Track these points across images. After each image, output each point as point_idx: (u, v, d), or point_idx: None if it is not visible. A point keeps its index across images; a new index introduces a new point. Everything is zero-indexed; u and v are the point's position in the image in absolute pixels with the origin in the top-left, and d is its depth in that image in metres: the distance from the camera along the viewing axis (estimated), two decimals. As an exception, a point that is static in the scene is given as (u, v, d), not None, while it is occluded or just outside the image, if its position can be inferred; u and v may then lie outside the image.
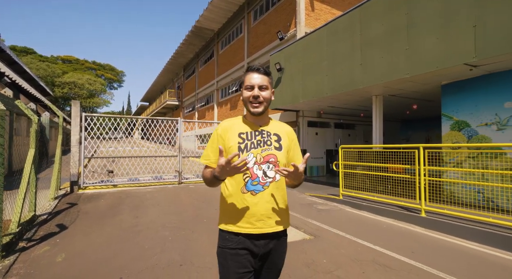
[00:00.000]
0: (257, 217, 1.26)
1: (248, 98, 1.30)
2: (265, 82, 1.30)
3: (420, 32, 5.20)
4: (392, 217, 5.08)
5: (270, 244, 1.29)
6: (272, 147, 1.32)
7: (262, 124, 1.37)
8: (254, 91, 1.29)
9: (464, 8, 4.53)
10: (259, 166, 1.28)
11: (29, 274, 2.80)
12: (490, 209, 4.31)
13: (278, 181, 1.31)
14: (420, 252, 3.51)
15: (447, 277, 2.83)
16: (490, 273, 2.95)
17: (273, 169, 1.30)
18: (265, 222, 1.27)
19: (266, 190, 1.28)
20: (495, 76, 5.17)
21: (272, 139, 1.34)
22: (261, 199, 1.27)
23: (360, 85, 6.46)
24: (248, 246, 1.25)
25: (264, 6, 13.29)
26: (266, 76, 1.32)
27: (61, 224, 4.40)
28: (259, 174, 1.28)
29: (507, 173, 4.44)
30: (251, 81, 1.30)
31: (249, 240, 1.26)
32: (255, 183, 1.27)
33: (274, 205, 1.30)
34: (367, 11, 6.28)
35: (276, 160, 1.31)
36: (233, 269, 1.23)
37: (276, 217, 1.29)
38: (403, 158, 5.34)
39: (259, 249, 1.27)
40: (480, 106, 5.39)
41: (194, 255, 3.28)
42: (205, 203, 5.92)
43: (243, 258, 1.24)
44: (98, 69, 50.52)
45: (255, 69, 1.32)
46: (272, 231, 1.28)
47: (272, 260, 1.32)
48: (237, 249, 1.25)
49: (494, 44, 4.19)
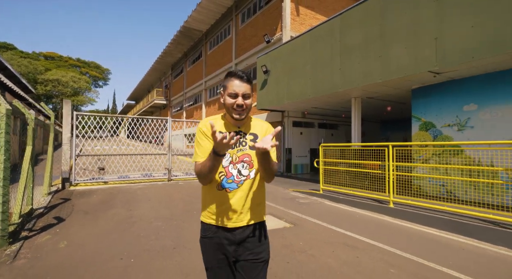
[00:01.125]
0: (231, 212, 1.35)
1: (231, 105, 1.34)
2: (248, 90, 1.34)
3: (391, 41, 5.76)
4: (365, 208, 5.62)
5: (246, 231, 1.38)
6: (247, 147, 1.39)
7: (240, 125, 1.43)
8: (238, 99, 1.32)
9: (427, 22, 5.11)
10: (234, 165, 1.36)
11: (36, 258, 3.10)
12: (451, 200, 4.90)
13: (252, 179, 1.39)
14: (384, 236, 4.04)
15: (402, 253, 3.35)
16: (438, 251, 3.49)
17: (247, 168, 1.37)
18: (238, 217, 1.36)
19: (240, 188, 1.36)
20: (455, 82, 5.80)
21: (248, 139, 1.41)
22: (235, 196, 1.35)
23: (340, 88, 6.99)
24: (225, 235, 1.36)
25: (252, 9, 13.71)
26: (249, 84, 1.35)
27: (58, 217, 4.66)
28: (234, 173, 1.36)
29: (465, 168, 5.06)
30: (235, 89, 1.32)
31: (225, 230, 1.37)
32: (230, 181, 1.35)
33: (248, 202, 1.38)
34: (346, 20, 6.82)
35: (251, 159, 1.38)
36: (211, 255, 1.38)
37: (249, 213, 1.38)
38: (376, 156, 5.90)
39: (235, 236, 1.36)
40: (444, 109, 6.02)
41: (186, 240, 3.66)
42: (194, 198, 6.29)
43: (221, 245, 1.36)
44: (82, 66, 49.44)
45: (238, 76, 1.34)
46: (246, 224, 1.37)
47: (252, 249, 1.38)
48: (214, 237, 1.37)
49: (451, 55, 4.78)
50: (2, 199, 3.35)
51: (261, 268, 1.38)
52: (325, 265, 3.02)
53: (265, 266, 1.40)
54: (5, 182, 3.41)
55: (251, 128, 1.45)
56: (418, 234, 4.20)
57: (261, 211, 1.46)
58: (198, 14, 16.25)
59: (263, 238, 1.43)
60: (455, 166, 5.28)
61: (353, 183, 6.47)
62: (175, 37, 20.00)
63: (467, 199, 5.07)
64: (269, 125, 1.52)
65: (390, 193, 5.30)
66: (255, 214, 1.40)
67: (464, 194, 5.23)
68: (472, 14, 4.50)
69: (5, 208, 3.38)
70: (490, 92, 5.29)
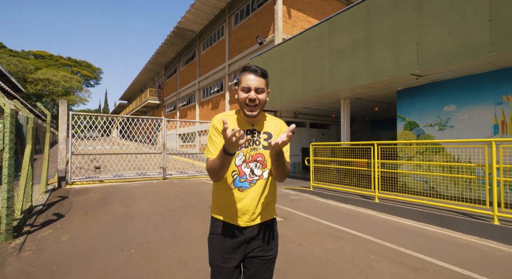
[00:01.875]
0: (242, 211, 1.33)
1: (244, 100, 1.30)
2: (261, 85, 1.30)
3: (376, 45, 6.09)
4: (352, 203, 5.94)
5: (257, 229, 1.36)
6: (261, 147, 1.36)
7: (254, 122, 1.39)
8: (251, 93, 1.28)
9: (409, 28, 5.46)
10: (247, 164, 1.35)
11: (41, 250, 3.29)
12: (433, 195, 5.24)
13: (265, 179, 1.37)
14: (368, 227, 4.35)
15: (382, 242, 3.66)
16: (416, 240, 3.81)
17: (260, 167, 1.35)
18: (249, 216, 1.34)
19: (252, 187, 1.34)
20: (436, 85, 6.17)
21: (262, 138, 1.38)
22: (247, 195, 1.33)
23: (329, 89, 7.31)
24: (235, 234, 1.34)
25: (245, 11, 13.95)
26: (263, 78, 1.32)
27: (58, 213, 4.83)
28: (247, 172, 1.34)
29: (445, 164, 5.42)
30: (248, 83, 1.28)
31: (236, 229, 1.35)
32: (243, 180, 1.34)
33: (260, 202, 1.36)
34: (334, 25, 7.13)
35: (264, 159, 1.36)
36: (218, 253, 1.35)
37: (261, 212, 1.37)
38: (363, 154, 6.23)
39: (246, 235, 1.34)
40: (426, 109, 6.39)
41: (183, 233, 3.90)
42: (189, 195, 6.51)
43: (229, 244, 1.34)
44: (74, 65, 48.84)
45: (252, 70, 1.30)
46: (256, 224, 1.36)
47: (263, 246, 1.37)
48: (224, 235, 1.35)
49: (431, 59, 5.13)
50: (7, 195, 3.53)
51: (270, 265, 1.38)
52: (311, 252, 3.30)
53: (273, 263, 1.40)
54: (9, 178, 3.58)
55: (265, 127, 1.41)
56: (399, 226, 4.52)
57: (273, 209, 1.45)
58: (191, 15, 16.41)
59: (274, 235, 1.42)
60: (436, 163, 5.64)
61: (342, 180, 6.78)
62: (168, 37, 20.09)
63: (448, 194, 5.44)
64: (283, 123, 1.47)
65: (375, 189, 5.63)
66: (266, 212, 1.40)
67: (445, 189, 5.61)
68: (449, 22, 4.85)
69: (10, 203, 3.55)
70: (468, 94, 5.67)
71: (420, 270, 2.89)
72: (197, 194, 6.62)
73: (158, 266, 2.87)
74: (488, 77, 5.35)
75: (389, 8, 5.81)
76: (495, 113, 5.28)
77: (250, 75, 1.29)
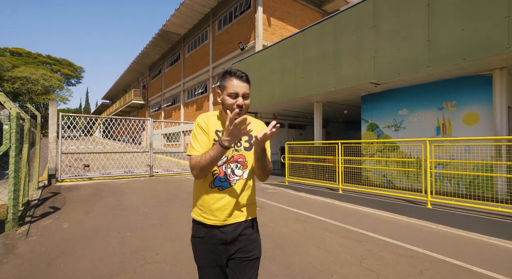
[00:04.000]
0: (221, 210, 1.35)
1: (231, 106, 1.32)
2: (247, 90, 1.34)
3: (342, 57, 6.94)
4: (321, 195, 6.75)
5: (238, 230, 1.38)
6: (242, 148, 1.40)
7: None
8: (239, 100, 1.31)
9: (367, 44, 6.33)
10: (228, 164, 1.37)
11: (45, 235, 3.83)
12: (390, 187, 6.13)
13: (245, 179, 1.40)
14: (329, 213, 5.14)
15: (338, 224, 4.45)
16: (366, 222, 4.63)
17: (241, 168, 1.39)
18: (229, 215, 1.36)
19: (232, 187, 1.36)
20: (393, 91, 7.10)
21: (243, 140, 1.42)
22: (227, 195, 1.35)
23: (303, 94, 8.11)
24: (215, 234, 1.36)
25: (228, 18, 14.60)
26: (248, 83, 1.35)
27: (54, 206, 5.30)
28: (227, 172, 1.37)
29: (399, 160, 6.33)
30: (236, 90, 1.31)
31: (216, 228, 1.36)
32: (223, 179, 1.36)
33: (240, 201, 1.39)
34: (307, 36, 7.95)
35: (245, 160, 1.40)
36: (201, 255, 1.38)
37: (240, 211, 1.39)
38: (332, 152, 7.05)
39: (226, 235, 1.36)
40: (385, 113, 7.31)
41: (171, 220, 4.52)
42: (175, 190, 7.10)
43: (211, 245, 1.36)
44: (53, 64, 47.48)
45: (238, 76, 1.33)
46: (235, 222, 1.38)
47: (244, 248, 1.39)
48: (205, 237, 1.37)
49: (384, 71, 6.02)
50: (14, 187, 4.03)
51: (253, 265, 1.41)
52: (279, 231, 4.03)
53: (257, 263, 1.43)
54: (15, 174, 4.08)
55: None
56: (356, 212, 5.36)
57: (253, 209, 1.48)
58: (176, 18, 16.86)
59: (255, 235, 1.44)
60: (385, 158, 6.55)
61: (313, 175, 7.60)
62: (153, 39, 20.38)
63: (402, 186, 6.37)
64: (263, 125, 1.52)
65: (339, 182, 6.46)
66: (246, 211, 1.42)
67: (399, 182, 6.53)
68: (397, 40, 5.74)
69: (16, 195, 4.05)
70: (417, 100, 6.62)
71: (361, 241, 3.68)
72: (183, 189, 7.22)
73: (151, 244, 3.50)
74: (432, 87, 6.31)
75: (352, 24, 6.67)
76: (438, 117, 6.24)
77: (237, 81, 1.33)
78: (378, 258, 3.09)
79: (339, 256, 3.14)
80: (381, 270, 2.79)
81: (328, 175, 7.31)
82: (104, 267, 2.82)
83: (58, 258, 3.04)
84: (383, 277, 2.64)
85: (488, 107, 5.47)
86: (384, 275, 2.69)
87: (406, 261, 3.02)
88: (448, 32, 4.97)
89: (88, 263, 2.91)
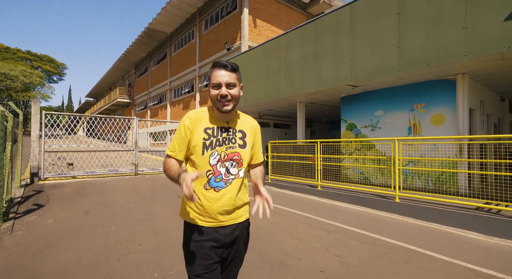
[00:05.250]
0: (219, 212, 1.29)
1: (215, 97, 1.26)
2: (232, 79, 1.27)
3: (322, 60, 7.29)
4: (301, 191, 7.08)
5: (236, 232, 1.34)
6: (237, 145, 1.34)
7: (229, 120, 1.36)
8: (222, 90, 1.25)
9: (345, 48, 6.69)
10: (223, 163, 1.30)
11: (30, 230, 3.94)
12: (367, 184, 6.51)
13: (241, 178, 1.35)
14: (306, 208, 5.46)
15: (313, 216, 4.77)
16: (340, 215, 4.98)
17: (236, 166, 1.33)
18: (226, 216, 1.31)
19: (228, 187, 1.31)
20: (369, 93, 7.52)
21: (237, 137, 1.35)
22: (224, 195, 1.30)
23: (285, 95, 8.42)
24: (213, 237, 1.29)
25: (214, 18, 14.76)
26: (234, 72, 1.28)
27: (38, 203, 5.37)
28: (222, 171, 1.30)
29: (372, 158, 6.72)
30: (218, 79, 1.25)
31: (214, 230, 1.30)
32: (218, 180, 1.29)
33: (236, 201, 1.33)
34: (289, 39, 8.26)
35: (240, 157, 1.34)
36: (198, 261, 1.27)
37: (237, 211, 1.35)
38: (312, 150, 7.39)
39: (225, 238, 1.31)
40: (362, 113, 7.72)
41: (154, 215, 4.71)
42: (160, 188, 7.25)
43: (209, 250, 1.28)
44: (34, 60, 45.96)
45: (222, 65, 1.27)
46: (233, 223, 1.33)
47: (237, 248, 1.38)
48: (202, 241, 1.28)
49: (360, 74, 6.40)
50: (-1, 184, 4.11)
51: (239, 262, 1.42)
52: (256, 224, 4.29)
53: (242, 260, 1.44)
54: (0, 170, 4.16)
55: (239, 125, 1.39)
56: (332, 206, 5.70)
57: (248, 208, 1.45)
58: (163, 17, 16.84)
59: (247, 234, 1.44)
60: (357, 156, 6.95)
61: (294, 172, 7.93)
62: (139, 37, 20.23)
63: (377, 182, 6.77)
64: (256, 122, 1.50)
65: (318, 179, 6.81)
66: (243, 211, 1.39)
67: (375, 179, 6.94)
68: (372, 46, 6.13)
69: (1, 191, 4.14)
70: (391, 102, 7.05)
71: (332, 232, 4.00)
72: (168, 186, 7.38)
73: (135, 236, 3.70)
74: (404, 89, 6.75)
75: (331, 29, 7.02)
76: (409, 118, 6.69)
77: (221, 70, 1.26)
78: (344, 245, 3.41)
79: (309, 244, 3.44)
80: (344, 255, 3.11)
81: (309, 172, 7.66)
82: (89, 257, 3.00)
83: (44, 249, 3.19)
84: (345, 260, 2.96)
85: (452, 108, 5.93)
86: (347, 258, 3.01)
87: (368, 247, 3.36)
88: (415, 39, 5.38)
89: (74, 253, 3.08)
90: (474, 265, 2.87)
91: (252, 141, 1.44)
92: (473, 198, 4.57)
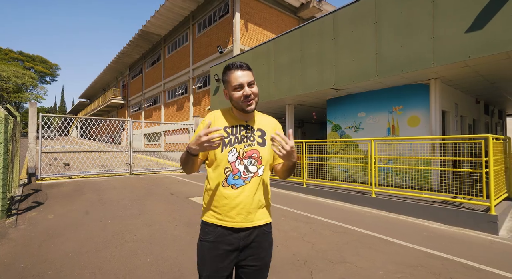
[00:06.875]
0: (237, 211, 1.27)
1: (239, 98, 1.28)
2: (251, 78, 1.29)
3: (307, 64, 7.72)
4: (288, 189, 7.49)
5: (251, 236, 1.30)
6: (255, 143, 1.33)
7: (248, 118, 1.38)
8: (245, 89, 1.27)
9: (328, 53, 7.13)
10: (241, 161, 1.30)
11: (33, 224, 4.27)
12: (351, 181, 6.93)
13: (260, 176, 1.32)
14: (291, 203, 5.87)
15: (294, 210, 5.18)
16: (322, 210, 5.39)
17: (255, 164, 1.31)
18: (244, 216, 1.28)
19: (247, 185, 1.29)
20: (353, 96, 7.97)
21: (256, 135, 1.35)
22: (242, 194, 1.28)
23: (274, 97, 8.83)
24: (227, 239, 1.27)
25: (207, 21, 15.12)
26: (250, 71, 1.31)
27: (37, 201, 5.68)
28: (241, 169, 1.29)
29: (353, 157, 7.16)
30: (239, 80, 1.27)
31: (229, 232, 1.28)
32: (236, 177, 1.29)
33: (256, 201, 1.30)
34: (278, 44, 8.67)
35: (259, 155, 1.32)
36: (209, 262, 1.27)
37: (256, 212, 1.31)
38: (298, 150, 7.80)
39: (239, 242, 1.28)
40: (346, 115, 8.17)
41: (148, 210, 5.06)
42: (154, 186, 7.59)
43: (221, 252, 1.27)
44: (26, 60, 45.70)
45: (238, 66, 1.29)
46: (251, 226, 1.29)
47: (256, 255, 1.31)
48: (215, 242, 1.27)
49: (342, 78, 6.83)
50: (2, 182, 4.43)
51: (264, 272, 1.36)
52: (242, 217, 4.69)
53: (266, 268, 1.37)
54: (4, 170, 4.48)
55: (257, 123, 1.40)
56: (314, 202, 6.12)
57: (268, 211, 1.39)
58: (156, 19, 17.13)
59: (268, 242, 1.37)
60: (340, 155, 7.39)
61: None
62: (133, 39, 20.47)
63: (360, 180, 7.21)
64: (276, 122, 1.49)
65: (304, 177, 7.22)
66: (262, 214, 1.34)
67: (357, 176, 7.39)
68: (352, 53, 6.57)
69: (4, 189, 4.46)
70: (372, 104, 7.51)
71: (309, 223, 4.41)
72: (161, 185, 7.72)
73: (130, 228, 4.05)
74: (383, 93, 7.21)
75: (316, 36, 7.45)
76: (389, 119, 7.15)
77: (238, 71, 1.29)
78: (318, 234, 3.82)
79: (287, 234, 3.84)
80: (317, 242, 3.51)
81: (296, 171, 8.06)
82: (90, 245, 3.36)
83: (47, 240, 3.54)
84: (316, 246, 3.37)
85: (426, 111, 6.40)
86: (318, 245, 3.42)
87: (339, 236, 3.78)
88: (390, 47, 5.83)
89: (75, 243, 3.44)
90: (428, 249, 3.31)
91: None
92: (440, 192, 5.03)
